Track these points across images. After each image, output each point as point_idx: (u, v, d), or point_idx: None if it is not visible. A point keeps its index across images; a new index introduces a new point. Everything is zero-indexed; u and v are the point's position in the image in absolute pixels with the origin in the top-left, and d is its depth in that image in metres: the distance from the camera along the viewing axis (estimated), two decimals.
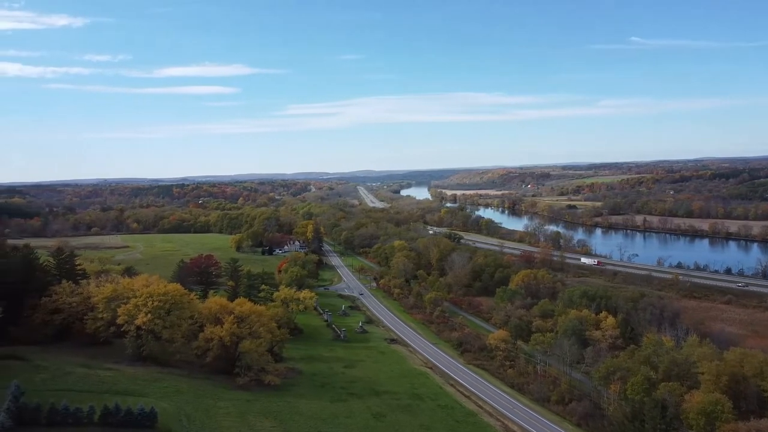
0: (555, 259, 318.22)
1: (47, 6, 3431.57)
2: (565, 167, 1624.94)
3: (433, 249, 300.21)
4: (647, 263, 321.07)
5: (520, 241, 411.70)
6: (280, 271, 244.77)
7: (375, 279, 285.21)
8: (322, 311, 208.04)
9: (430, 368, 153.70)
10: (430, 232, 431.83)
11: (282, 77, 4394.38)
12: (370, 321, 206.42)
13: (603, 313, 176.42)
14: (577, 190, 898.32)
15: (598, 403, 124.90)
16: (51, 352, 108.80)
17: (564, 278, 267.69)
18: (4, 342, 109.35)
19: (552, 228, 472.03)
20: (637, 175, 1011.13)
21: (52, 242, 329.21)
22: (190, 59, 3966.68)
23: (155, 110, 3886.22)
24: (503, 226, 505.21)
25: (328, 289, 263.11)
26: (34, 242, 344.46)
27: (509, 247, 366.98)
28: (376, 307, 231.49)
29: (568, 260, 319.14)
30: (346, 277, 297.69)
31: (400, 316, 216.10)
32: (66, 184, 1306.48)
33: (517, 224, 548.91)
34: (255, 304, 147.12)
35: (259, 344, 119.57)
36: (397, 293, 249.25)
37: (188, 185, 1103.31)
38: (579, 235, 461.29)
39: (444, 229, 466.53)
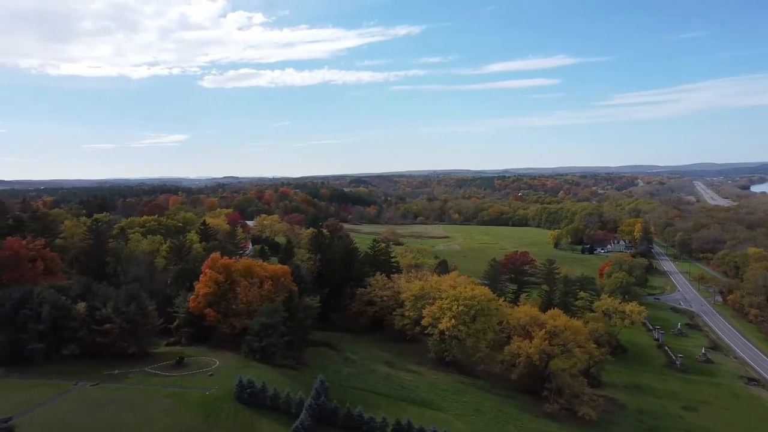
0: None
1: (393, 19, 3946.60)
2: None
3: None
4: None
5: None
6: (601, 275, 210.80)
7: (720, 292, 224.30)
8: (651, 327, 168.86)
9: None
10: None
11: (607, 65, 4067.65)
12: (715, 347, 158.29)
13: None
14: None
15: None
16: (362, 343, 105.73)
17: None
18: (326, 326, 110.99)
19: None
20: None
21: (382, 229, 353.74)
22: (515, 54, 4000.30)
23: (480, 105, 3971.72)
24: None
25: (658, 299, 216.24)
26: (368, 228, 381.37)
27: None
28: (724, 329, 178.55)
29: None
30: (682, 287, 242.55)
31: (760, 347, 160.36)
32: (402, 175, 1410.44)
33: None
34: (571, 313, 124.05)
35: (572, 365, 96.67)
36: (753, 314, 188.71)
37: (509, 177, 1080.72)
38: None
39: None
